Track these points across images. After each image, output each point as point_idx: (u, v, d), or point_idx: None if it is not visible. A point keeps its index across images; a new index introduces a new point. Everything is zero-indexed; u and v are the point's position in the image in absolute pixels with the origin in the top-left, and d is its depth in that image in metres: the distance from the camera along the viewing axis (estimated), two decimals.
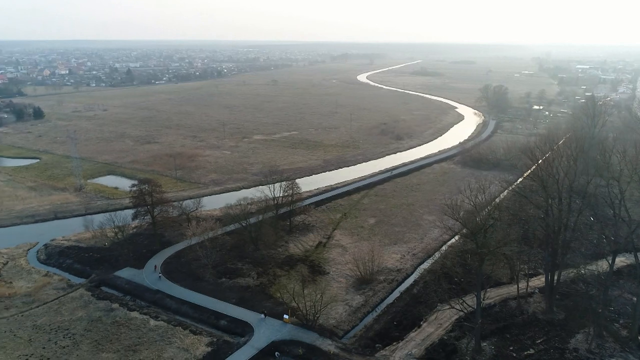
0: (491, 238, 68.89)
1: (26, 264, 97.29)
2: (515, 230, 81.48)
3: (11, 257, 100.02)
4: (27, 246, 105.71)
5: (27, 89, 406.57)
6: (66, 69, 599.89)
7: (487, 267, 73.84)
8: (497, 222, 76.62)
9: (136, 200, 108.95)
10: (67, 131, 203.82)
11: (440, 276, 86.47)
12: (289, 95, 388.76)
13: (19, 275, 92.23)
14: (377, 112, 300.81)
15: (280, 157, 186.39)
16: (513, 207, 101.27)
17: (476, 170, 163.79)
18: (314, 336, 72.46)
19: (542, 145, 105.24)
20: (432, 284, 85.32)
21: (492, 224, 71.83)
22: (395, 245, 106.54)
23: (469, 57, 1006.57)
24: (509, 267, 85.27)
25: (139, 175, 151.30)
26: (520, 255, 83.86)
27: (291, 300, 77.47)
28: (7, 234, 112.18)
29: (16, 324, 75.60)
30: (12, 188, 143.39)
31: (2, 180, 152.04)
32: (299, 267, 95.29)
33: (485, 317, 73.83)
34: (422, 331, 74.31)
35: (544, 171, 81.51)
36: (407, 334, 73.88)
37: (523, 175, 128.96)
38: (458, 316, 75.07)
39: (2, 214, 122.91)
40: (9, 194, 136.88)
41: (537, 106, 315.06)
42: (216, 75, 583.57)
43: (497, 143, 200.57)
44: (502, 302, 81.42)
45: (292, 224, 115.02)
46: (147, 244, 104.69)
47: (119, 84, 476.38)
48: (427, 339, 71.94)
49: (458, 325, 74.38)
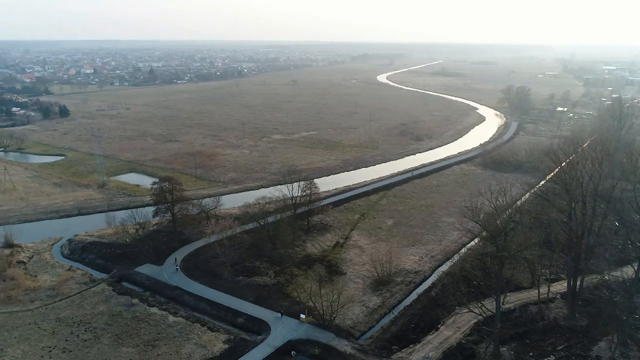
0: (512, 241, 67.78)
1: (50, 259, 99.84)
2: (537, 234, 79.99)
3: (36, 251, 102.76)
4: (51, 241, 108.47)
5: (54, 88, 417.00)
6: (91, 68, 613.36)
7: (507, 270, 72.66)
8: (518, 225, 75.39)
9: (157, 198, 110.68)
10: (91, 129, 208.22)
11: (459, 279, 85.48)
12: (308, 95, 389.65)
13: (44, 269, 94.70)
14: (397, 113, 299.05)
15: (299, 156, 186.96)
16: (535, 211, 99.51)
17: (497, 173, 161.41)
18: (330, 336, 72.46)
19: (566, 148, 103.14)
20: (451, 286, 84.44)
21: (512, 227, 70.70)
22: (414, 247, 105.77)
23: (491, 58, 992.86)
24: (530, 272, 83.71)
25: (160, 173, 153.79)
26: (541, 259, 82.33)
27: (308, 299, 77.64)
28: (33, 228, 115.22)
29: (40, 317, 77.62)
30: (38, 184, 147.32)
31: (29, 176, 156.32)
32: (316, 266, 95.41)
33: (504, 322, 72.69)
34: (439, 334, 73.60)
35: (568, 174, 79.79)
36: (425, 336, 73.26)
37: (545, 178, 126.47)
38: (477, 320, 74.09)
39: (28, 209, 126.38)
40: (35, 190, 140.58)
41: (561, 108, 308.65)
42: (236, 75, 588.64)
43: (519, 145, 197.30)
44: (522, 306, 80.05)
45: (310, 224, 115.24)
46: (167, 241, 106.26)
47: (141, 83, 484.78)
48: (445, 343, 71.20)
49: (476, 329, 73.41)
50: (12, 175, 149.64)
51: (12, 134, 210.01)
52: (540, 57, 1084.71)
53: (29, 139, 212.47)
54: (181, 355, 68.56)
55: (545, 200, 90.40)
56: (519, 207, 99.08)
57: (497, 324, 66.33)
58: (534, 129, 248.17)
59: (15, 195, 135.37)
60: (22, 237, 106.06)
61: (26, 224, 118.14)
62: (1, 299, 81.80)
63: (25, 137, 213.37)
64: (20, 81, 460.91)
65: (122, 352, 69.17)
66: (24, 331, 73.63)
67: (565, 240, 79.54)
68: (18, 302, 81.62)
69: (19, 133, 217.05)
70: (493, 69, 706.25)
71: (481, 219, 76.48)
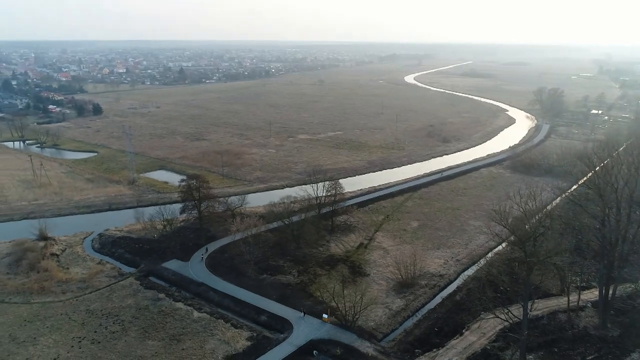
0: (541, 247, 66.01)
1: (82, 252, 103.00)
2: (568, 240, 77.72)
3: (69, 244, 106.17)
4: (83, 235, 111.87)
5: (88, 87, 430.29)
6: (124, 67, 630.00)
7: (535, 277, 70.84)
8: (548, 230, 73.39)
9: (184, 195, 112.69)
10: (122, 127, 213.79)
11: (485, 284, 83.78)
12: (334, 96, 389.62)
13: (75, 262, 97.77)
14: (424, 114, 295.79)
15: (325, 156, 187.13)
16: (566, 216, 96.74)
17: (526, 176, 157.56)
18: (353, 337, 72.22)
19: (601, 152, 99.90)
20: (476, 291, 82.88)
21: (542, 233, 68.87)
22: (439, 250, 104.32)
23: (523, 59, 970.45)
24: (560, 278, 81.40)
25: (187, 170, 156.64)
26: (572, 266, 79.93)
27: (331, 299, 77.58)
28: (66, 222, 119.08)
29: (71, 308, 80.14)
30: (72, 179, 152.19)
31: (63, 172, 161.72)
32: (340, 267, 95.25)
33: (531, 329, 70.94)
34: (464, 339, 72.35)
35: (602, 179, 77.19)
36: (448, 341, 72.15)
37: (578, 182, 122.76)
38: (502, 326, 72.47)
39: (62, 204, 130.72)
40: (69, 185, 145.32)
41: (596, 110, 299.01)
42: (264, 75, 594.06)
43: (551, 148, 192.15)
44: (551, 314, 77.87)
45: (334, 224, 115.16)
46: (193, 237, 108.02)
47: (171, 83, 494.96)
48: (469, 348, 69.95)
49: (502, 336, 71.80)
50: (48, 170, 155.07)
51: (48, 131, 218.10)
52: (575, 58, 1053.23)
53: (63, 136, 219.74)
54: (205, 351, 69.58)
55: (578, 205, 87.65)
56: (550, 212, 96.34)
57: (524, 331, 64.73)
58: (567, 132, 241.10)
59: (50, 190, 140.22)
60: (55, 231, 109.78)
61: (60, 217, 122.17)
62: (35, 290, 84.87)
63: (61, 133, 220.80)
64: (56, 80, 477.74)
65: (148, 345, 70.72)
66: (56, 321, 76.17)
67: (597, 247, 77.01)
68: (51, 293, 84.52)
69: (54, 130, 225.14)
70: (525, 70, 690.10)
71: (509, 223, 74.80)
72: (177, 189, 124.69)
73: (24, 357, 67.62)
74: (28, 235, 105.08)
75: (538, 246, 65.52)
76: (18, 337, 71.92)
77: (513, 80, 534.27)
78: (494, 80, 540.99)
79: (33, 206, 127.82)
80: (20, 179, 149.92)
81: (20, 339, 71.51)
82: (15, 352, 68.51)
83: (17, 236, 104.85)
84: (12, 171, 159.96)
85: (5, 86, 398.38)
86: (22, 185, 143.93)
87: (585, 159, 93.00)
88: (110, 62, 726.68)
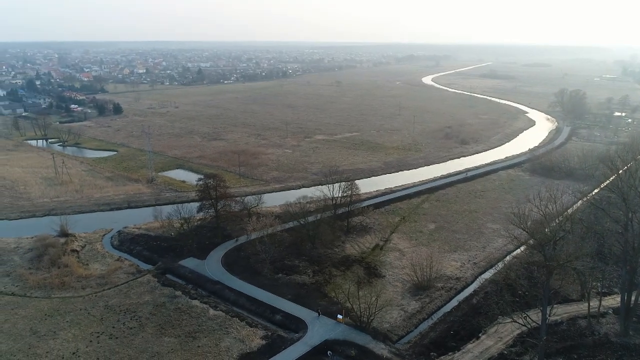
0: (561, 251, 64.77)
1: (101, 249, 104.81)
2: (589, 244, 75.92)
3: (89, 241, 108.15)
4: (102, 232, 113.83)
5: (109, 86, 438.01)
6: (144, 68, 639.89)
7: (555, 281, 69.53)
8: (568, 234, 72.07)
9: (202, 194, 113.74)
10: (142, 126, 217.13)
11: (502, 287, 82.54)
12: (351, 97, 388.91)
13: (95, 259, 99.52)
14: (442, 115, 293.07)
15: (341, 157, 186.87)
16: (587, 220, 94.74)
17: (546, 179, 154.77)
18: (367, 338, 71.87)
19: (624, 155, 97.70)
20: (494, 295, 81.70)
21: (562, 236, 67.69)
22: (455, 253, 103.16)
23: (544, 60, 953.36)
24: (580, 284, 79.74)
25: (205, 170, 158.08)
26: (593, 271, 78.12)
27: (346, 300, 77.35)
28: (86, 219, 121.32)
29: (90, 303, 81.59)
30: (92, 177, 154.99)
31: (84, 170, 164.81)
32: (355, 268, 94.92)
33: (550, 335, 69.58)
34: (480, 343, 71.35)
35: (625, 182, 75.39)
36: (464, 344, 71.24)
37: (600, 186, 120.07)
38: (520, 331, 71.30)
39: (83, 201, 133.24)
40: (89, 183, 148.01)
41: (619, 113, 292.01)
42: (281, 76, 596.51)
43: (572, 151, 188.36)
44: (571, 320, 76.27)
45: (350, 225, 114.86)
46: (210, 236, 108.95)
47: (190, 83, 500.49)
48: (486, 352, 68.94)
49: (520, 341, 70.59)
50: (69, 168, 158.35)
51: (70, 130, 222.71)
52: (598, 59, 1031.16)
53: (85, 135, 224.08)
54: (220, 349, 70.06)
55: (600, 209, 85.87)
56: (570, 216, 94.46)
57: (542, 336, 63.51)
58: (589, 135, 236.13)
59: (71, 187, 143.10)
60: (76, 227, 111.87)
61: (80, 214, 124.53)
62: (56, 285, 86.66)
63: (82, 132, 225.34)
64: (79, 80, 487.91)
65: (164, 341, 71.51)
66: (75, 316, 77.63)
67: (620, 252, 75.12)
68: (71, 288, 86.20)
69: (76, 129, 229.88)
70: (546, 72, 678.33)
71: (529, 226, 73.53)
72: (195, 188, 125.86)
73: (44, 350, 69.07)
74: (50, 231, 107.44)
75: (558, 250, 64.31)
76: (39, 330, 73.52)
77: (533, 81, 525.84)
78: (513, 81, 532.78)
79: (55, 203, 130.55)
80: (42, 177, 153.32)
81: (41, 332, 73.08)
82: (36, 346, 70.02)
83: (40, 232, 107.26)
84: (35, 169, 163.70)
85: (30, 86, 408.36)
86: (44, 183, 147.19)
87: (608, 162, 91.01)
88: (131, 63, 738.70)
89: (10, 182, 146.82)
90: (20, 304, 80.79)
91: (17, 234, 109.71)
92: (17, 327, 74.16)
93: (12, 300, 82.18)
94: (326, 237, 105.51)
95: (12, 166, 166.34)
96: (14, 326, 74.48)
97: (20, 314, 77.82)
